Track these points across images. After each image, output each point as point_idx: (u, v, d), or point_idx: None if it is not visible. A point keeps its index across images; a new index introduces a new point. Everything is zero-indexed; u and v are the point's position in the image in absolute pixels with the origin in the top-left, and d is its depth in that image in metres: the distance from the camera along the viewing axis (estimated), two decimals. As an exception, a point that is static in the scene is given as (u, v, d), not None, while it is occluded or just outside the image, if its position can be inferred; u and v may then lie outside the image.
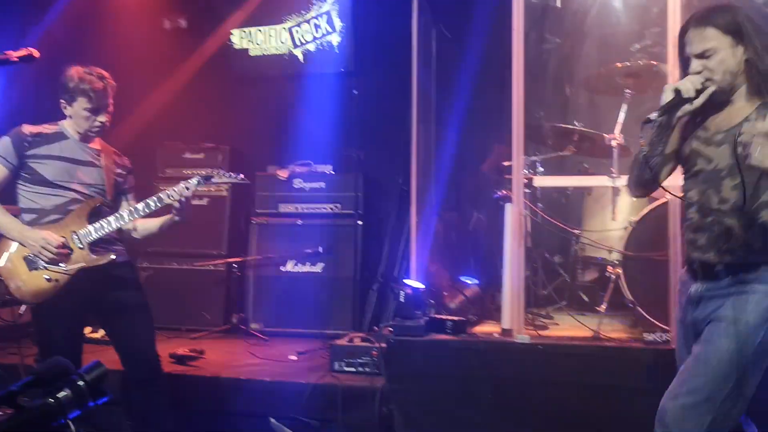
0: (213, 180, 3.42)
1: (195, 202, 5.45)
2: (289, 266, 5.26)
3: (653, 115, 2.22)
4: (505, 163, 4.30)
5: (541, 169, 4.61)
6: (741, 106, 2.24)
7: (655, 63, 4.19)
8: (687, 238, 2.34)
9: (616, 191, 4.14)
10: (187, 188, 3.28)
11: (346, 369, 4.03)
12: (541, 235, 4.65)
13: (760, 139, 1.93)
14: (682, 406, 2.19)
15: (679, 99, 2.19)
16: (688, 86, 2.19)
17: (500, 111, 4.52)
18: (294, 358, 4.47)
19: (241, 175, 3.49)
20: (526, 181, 4.08)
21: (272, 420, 3.77)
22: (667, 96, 2.20)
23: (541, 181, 4.36)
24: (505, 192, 4.22)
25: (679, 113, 2.21)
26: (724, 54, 2.18)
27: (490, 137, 5.12)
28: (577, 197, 4.84)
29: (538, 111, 5.04)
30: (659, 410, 2.31)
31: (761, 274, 2.17)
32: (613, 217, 4.18)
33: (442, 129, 5.21)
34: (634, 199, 4.31)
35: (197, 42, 5.99)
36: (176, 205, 3.28)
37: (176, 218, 3.35)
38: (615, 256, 4.12)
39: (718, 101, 2.25)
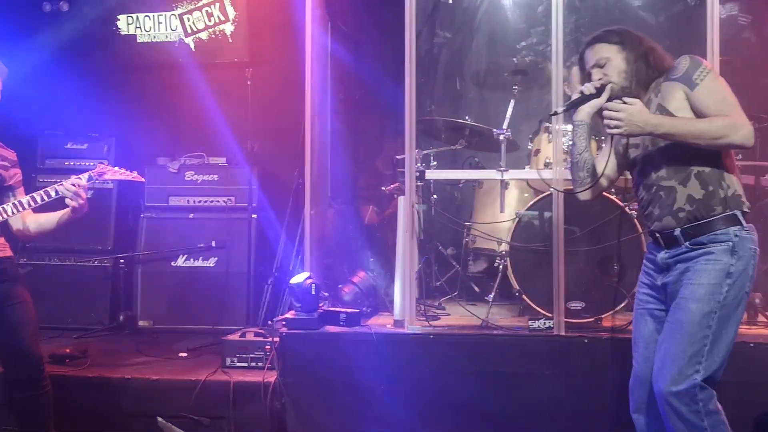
0: (106, 176, 3.28)
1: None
2: (180, 261, 5.12)
3: (559, 109, 2.79)
4: (398, 157, 4.35)
5: (434, 162, 4.69)
6: (647, 98, 2.60)
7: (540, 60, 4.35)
8: (645, 215, 2.66)
9: (504, 184, 4.27)
10: (75, 185, 3.12)
11: (238, 364, 3.97)
12: (434, 227, 4.74)
13: (606, 111, 2.47)
14: (671, 374, 2.42)
15: (583, 97, 2.63)
16: (589, 86, 2.63)
17: (394, 104, 4.57)
18: (184, 355, 4.36)
19: (135, 173, 3.35)
20: (418, 174, 4.14)
21: (160, 419, 3.68)
22: (574, 96, 2.65)
23: (433, 174, 4.43)
24: (398, 185, 4.26)
25: (589, 108, 2.63)
26: (614, 60, 2.62)
27: (385, 130, 5.16)
28: (469, 190, 4.97)
29: (429, 105, 5.13)
30: (654, 378, 2.50)
31: (713, 236, 2.47)
32: (502, 209, 4.31)
33: (337, 122, 5.21)
34: (525, 194, 4.48)
35: (80, 27, 5.70)
36: (74, 204, 3.13)
37: (72, 215, 3.19)
38: (503, 248, 4.25)
39: (627, 96, 2.58)
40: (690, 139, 2.41)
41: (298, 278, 4.01)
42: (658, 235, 2.59)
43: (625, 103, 2.46)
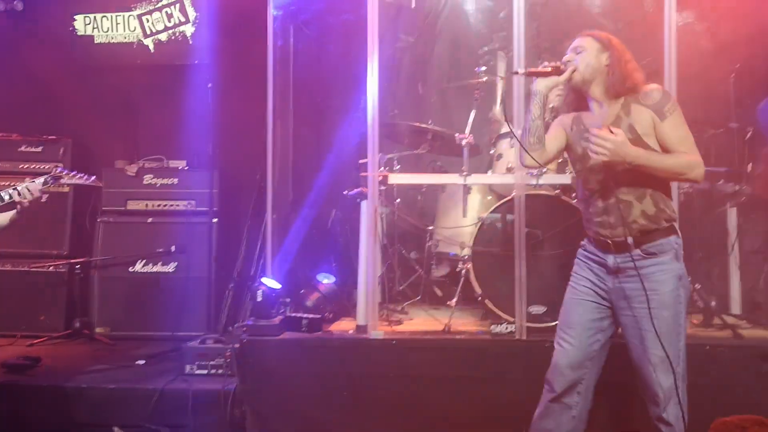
0: (62, 181, 3.20)
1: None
2: (139, 266, 5.03)
3: (521, 70, 3.02)
4: (361, 161, 4.33)
5: (397, 166, 4.68)
6: (607, 107, 2.83)
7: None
8: (596, 222, 2.86)
9: (466, 189, 4.28)
10: (30, 189, 3.04)
11: (198, 372, 3.92)
12: (398, 231, 4.73)
13: (595, 138, 2.65)
14: (662, 374, 2.74)
15: (547, 71, 2.83)
16: (553, 64, 2.86)
17: (357, 108, 4.56)
18: (142, 362, 4.28)
19: (94, 177, 3.29)
20: (381, 178, 4.12)
21: (116, 429, 3.60)
22: (540, 67, 2.87)
23: (396, 178, 4.42)
24: (361, 189, 4.24)
25: (548, 82, 2.85)
26: (590, 53, 2.83)
27: (348, 133, 5.14)
28: (432, 195, 4.97)
29: (392, 109, 5.12)
30: (645, 389, 2.82)
31: (660, 245, 2.77)
32: (464, 213, 4.32)
33: (299, 125, 5.17)
34: (488, 197, 4.51)
35: (35, 26, 5.56)
36: (26, 204, 3.04)
37: (17, 217, 3.11)
38: (466, 252, 4.26)
39: (582, 92, 2.88)
40: (658, 172, 2.72)
41: (260, 284, 3.97)
42: (610, 241, 2.81)
43: (611, 132, 2.65)
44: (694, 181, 2.90)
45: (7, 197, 3.05)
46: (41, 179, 3.09)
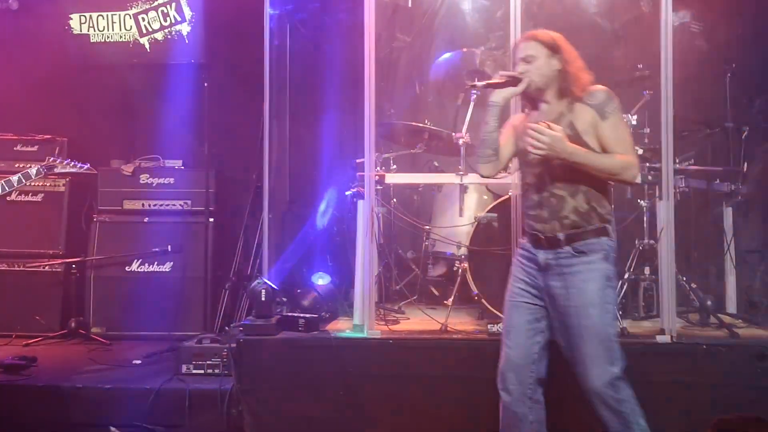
0: (56, 170, 3.17)
1: (29, 198, 5.12)
2: (135, 266, 5.02)
3: (479, 83, 2.98)
4: (358, 160, 4.33)
5: (394, 166, 4.68)
6: (554, 105, 2.86)
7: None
8: (530, 215, 2.88)
9: (463, 188, 4.28)
10: (23, 178, 3.02)
11: (194, 371, 3.91)
12: (394, 231, 4.72)
13: (532, 132, 2.68)
14: (597, 373, 2.73)
15: (502, 82, 2.86)
16: (507, 73, 2.89)
17: (353, 107, 4.55)
18: (138, 362, 4.27)
19: (87, 165, 3.25)
20: (378, 177, 4.12)
21: (113, 429, 3.59)
22: (495, 78, 2.93)
23: (393, 178, 4.42)
24: (358, 189, 4.24)
25: (505, 93, 2.86)
26: (541, 60, 2.83)
27: (344, 134, 5.14)
28: (428, 194, 4.97)
29: (389, 108, 5.12)
30: (582, 378, 2.78)
31: (590, 245, 2.78)
32: (461, 213, 4.32)
33: (296, 125, 5.17)
34: (484, 197, 4.51)
35: (30, 25, 5.54)
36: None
37: None
38: (462, 251, 4.26)
39: (536, 98, 2.89)
40: (592, 170, 2.74)
41: (256, 283, 3.96)
42: (542, 236, 2.83)
43: (549, 128, 2.68)
44: (628, 182, 2.98)
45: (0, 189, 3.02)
46: (33, 169, 3.06)
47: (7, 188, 3.03)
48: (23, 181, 3.07)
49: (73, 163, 3.21)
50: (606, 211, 2.84)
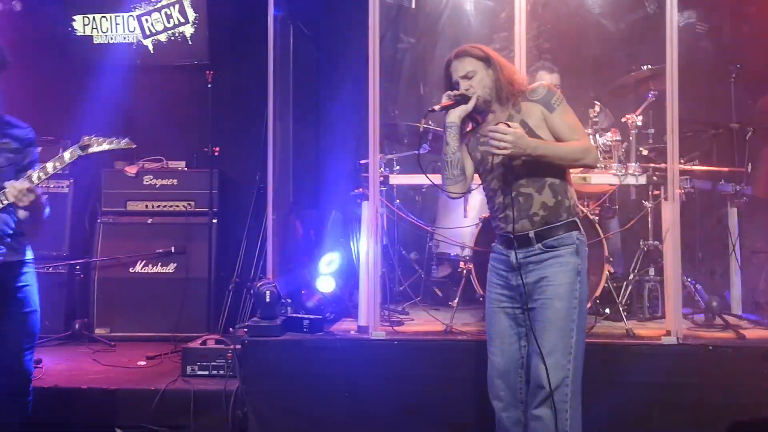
0: (90, 149, 3.01)
1: (30, 198, 5.09)
2: (139, 267, 5.02)
3: (436, 107, 2.92)
4: (362, 162, 4.32)
5: (397, 167, 4.67)
6: (500, 112, 2.91)
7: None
8: (499, 218, 2.90)
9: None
10: (56, 166, 2.94)
11: (199, 373, 3.90)
12: (398, 232, 4.71)
13: (494, 134, 2.66)
14: (550, 366, 2.71)
15: (455, 102, 2.86)
16: (456, 93, 2.87)
17: (357, 109, 4.55)
18: (143, 363, 4.26)
19: (127, 139, 3.09)
20: (382, 178, 4.11)
21: (118, 430, 3.59)
22: (444, 99, 2.88)
23: (397, 179, 4.42)
24: (361, 190, 4.23)
25: (459, 112, 2.87)
26: (480, 74, 2.88)
27: (348, 135, 5.13)
28: (432, 195, 4.97)
29: (393, 110, 5.12)
30: (533, 372, 2.77)
31: (561, 239, 2.80)
32: (465, 214, 4.31)
33: (299, 126, 5.16)
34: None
35: (34, 27, 5.54)
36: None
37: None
38: (466, 252, 4.25)
39: (485, 110, 2.93)
40: (556, 160, 2.79)
41: (261, 284, 3.95)
42: (512, 236, 2.82)
43: (509, 126, 2.69)
44: (591, 166, 3.05)
45: (35, 178, 2.93)
46: (68, 152, 2.95)
47: (43, 176, 2.94)
48: (58, 167, 2.98)
49: (109, 139, 3.05)
50: (573, 202, 2.88)
